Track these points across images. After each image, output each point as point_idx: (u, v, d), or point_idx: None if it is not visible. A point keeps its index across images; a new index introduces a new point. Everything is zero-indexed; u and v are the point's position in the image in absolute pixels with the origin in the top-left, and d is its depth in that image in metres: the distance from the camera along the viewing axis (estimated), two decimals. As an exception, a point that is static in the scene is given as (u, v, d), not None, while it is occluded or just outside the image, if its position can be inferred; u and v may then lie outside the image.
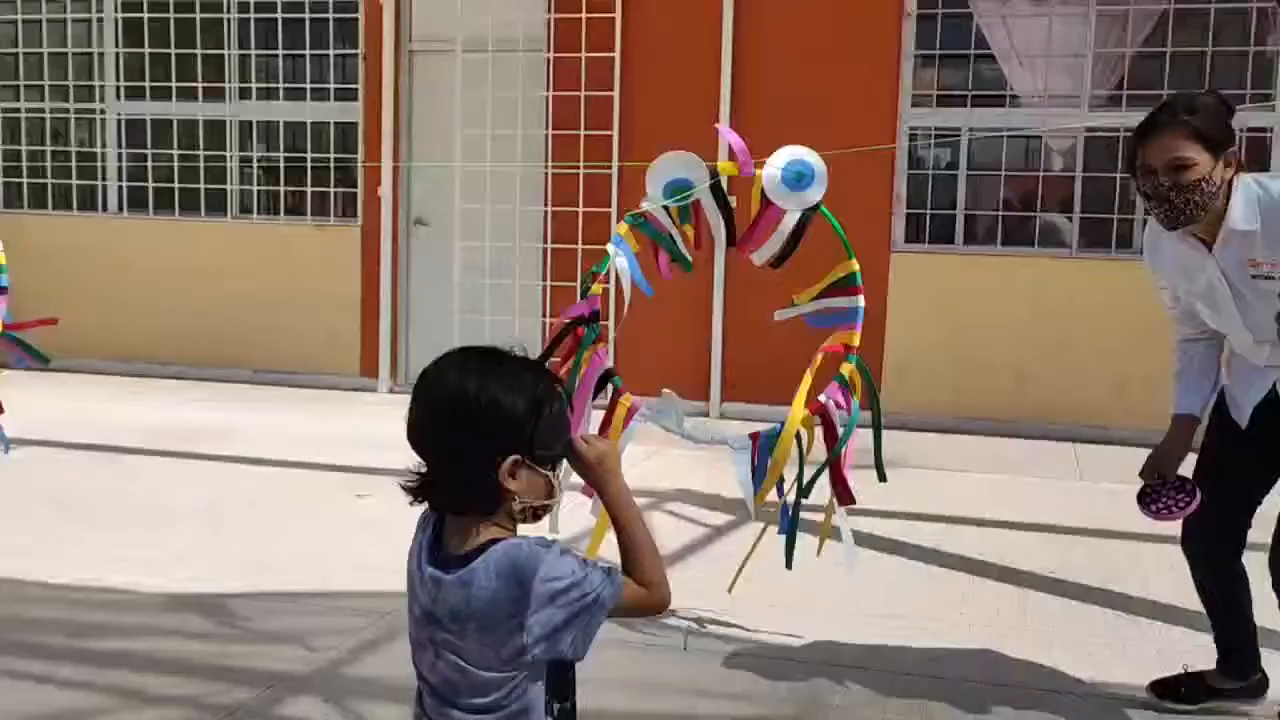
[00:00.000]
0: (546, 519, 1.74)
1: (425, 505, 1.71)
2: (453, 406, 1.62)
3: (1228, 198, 2.80)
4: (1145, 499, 3.07)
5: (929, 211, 7.59)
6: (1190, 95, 2.88)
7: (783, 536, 3.84)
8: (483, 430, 1.60)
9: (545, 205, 8.02)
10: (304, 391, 8.31)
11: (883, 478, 3.87)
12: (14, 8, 9.09)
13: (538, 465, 1.64)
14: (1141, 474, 3.12)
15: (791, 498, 3.73)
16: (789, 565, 3.81)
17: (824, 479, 3.73)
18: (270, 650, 3.61)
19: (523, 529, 1.69)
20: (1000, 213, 7.60)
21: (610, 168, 7.77)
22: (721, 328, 7.78)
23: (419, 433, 1.67)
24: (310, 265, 8.57)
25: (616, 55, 7.85)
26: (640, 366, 7.15)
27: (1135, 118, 2.96)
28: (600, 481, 1.74)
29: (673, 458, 5.93)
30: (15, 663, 3.46)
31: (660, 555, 1.73)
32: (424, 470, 1.66)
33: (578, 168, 7.85)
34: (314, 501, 5.46)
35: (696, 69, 7.71)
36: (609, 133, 7.87)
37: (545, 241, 8.02)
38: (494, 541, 1.62)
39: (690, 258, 3.73)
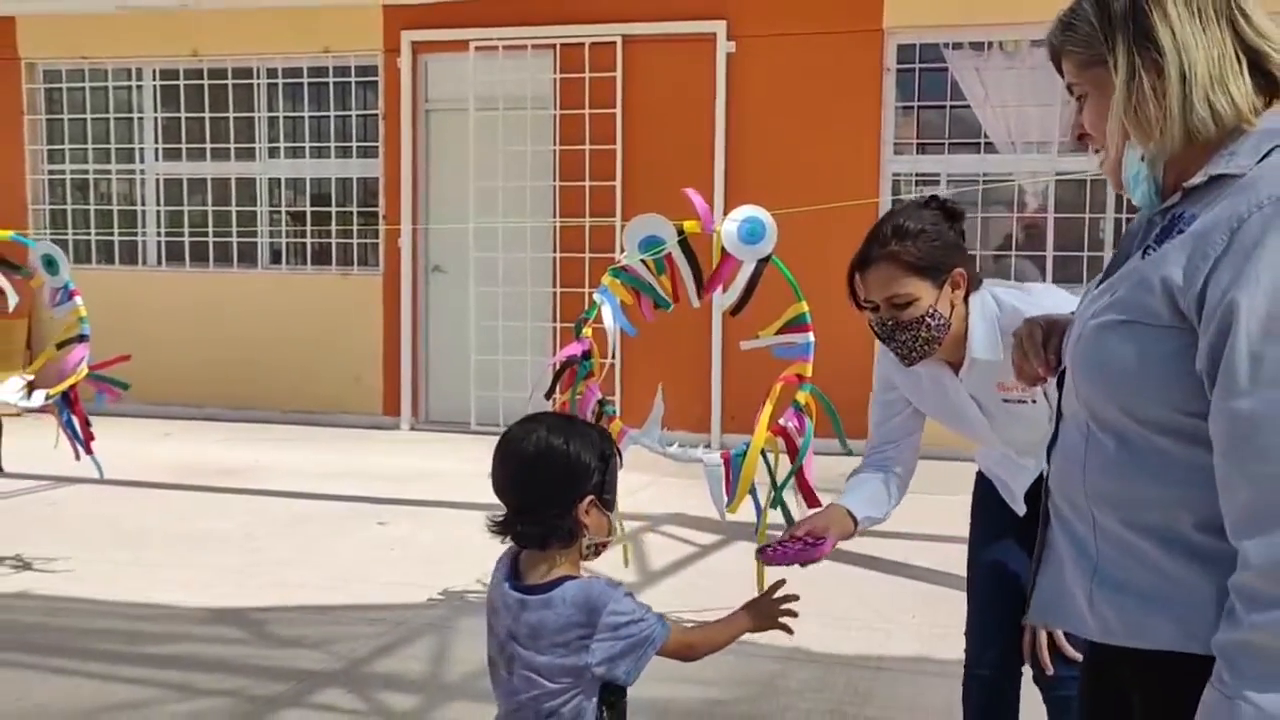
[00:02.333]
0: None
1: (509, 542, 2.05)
2: (545, 458, 1.99)
3: (967, 317, 2.47)
4: (765, 550, 2.53)
5: (912, 252, 8.09)
6: (902, 218, 2.45)
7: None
8: (568, 476, 1.99)
9: (554, 252, 8.57)
10: (330, 430, 8.86)
11: (849, 452, 4.35)
12: (60, 76, 9.78)
13: (604, 507, 2.04)
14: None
15: (763, 501, 4.21)
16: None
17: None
18: (300, 653, 4.13)
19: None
20: (978, 251, 8.09)
21: (614, 219, 8.29)
22: (721, 366, 8.27)
23: (511, 482, 2.02)
24: (335, 311, 9.14)
25: (618, 111, 8.42)
26: (647, 401, 7.70)
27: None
28: (751, 621, 2.20)
29: (666, 486, 6.43)
30: (82, 664, 4.00)
31: (720, 649, 2.15)
32: (507, 514, 2.01)
33: (583, 221, 8.39)
34: (338, 528, 5.99)
35: (692, 122, 8.26)
36: (612, 183, 8.42)
37: (554, 286, 8.56)
38: (569, 577, 2.01)
39: (669, 299, 4.24)
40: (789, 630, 2.23)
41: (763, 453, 4.10)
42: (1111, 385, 1.51)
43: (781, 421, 4.12)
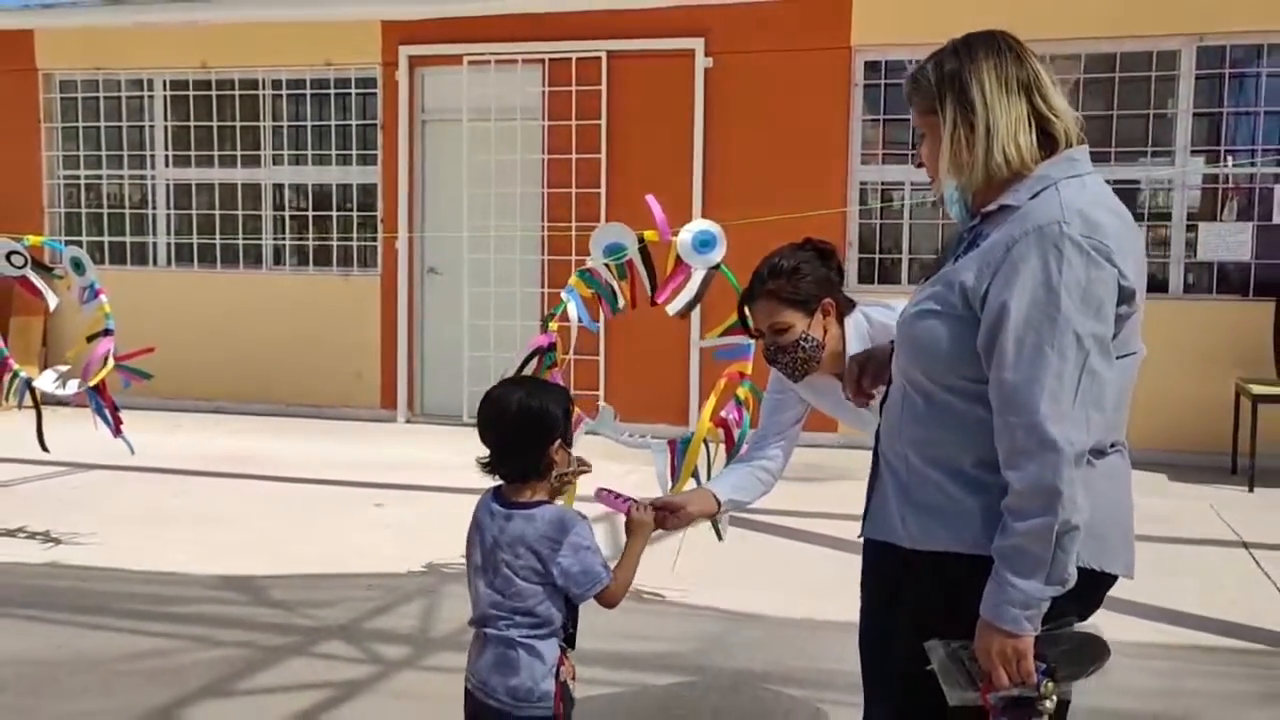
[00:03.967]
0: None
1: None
2: (525, 413, 2.53)
3: (844, 335, 2.93)
4: (602, 491, 2.80)
5: (877, 256, 8.62)
6: (779, 258, 2.93)
7: (712, 528, 4.81)
8: (543, 426, 2.53)
9: (542, 255, 9.08)
10: (331, 423, 9.38)
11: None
12: (75, 86, 10.29)
13: (566, 448, 2.57)
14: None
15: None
16: (720, 538, 4.79)
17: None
18: (305, 612, 4.66)
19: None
20: (939, 257, 8.58)
21: (599, 224, 8.74)
22: (699, 362, 8.77)
23: (498, 432, 2.54)
24: (336, 311, 9.66)
25: (603, 122, 8.93)
26: (629, 393, 8.23)
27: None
28: (634, 534, 2.63)
29: (646, 474, 6.93)
30: (114, 621, 4.54)
31: (631, 582, 2.58)
32: (493, 456, 2.53)
33: (569, 228, 8.89)
34: (338, 510, 6.51)
35: (673, 133, 8.78)
36: (597, 190, 8.94)
37: (542, 286, 9.07)
38: (546, 501, 2.52)
39: (622, 304, 4.74)
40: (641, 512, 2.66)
41: (705, 441, 4.61)
42: (920, 355, 2.08)
43: (723, 414, 4.64)
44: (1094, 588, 2.04)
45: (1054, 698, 1.98)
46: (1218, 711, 3.81)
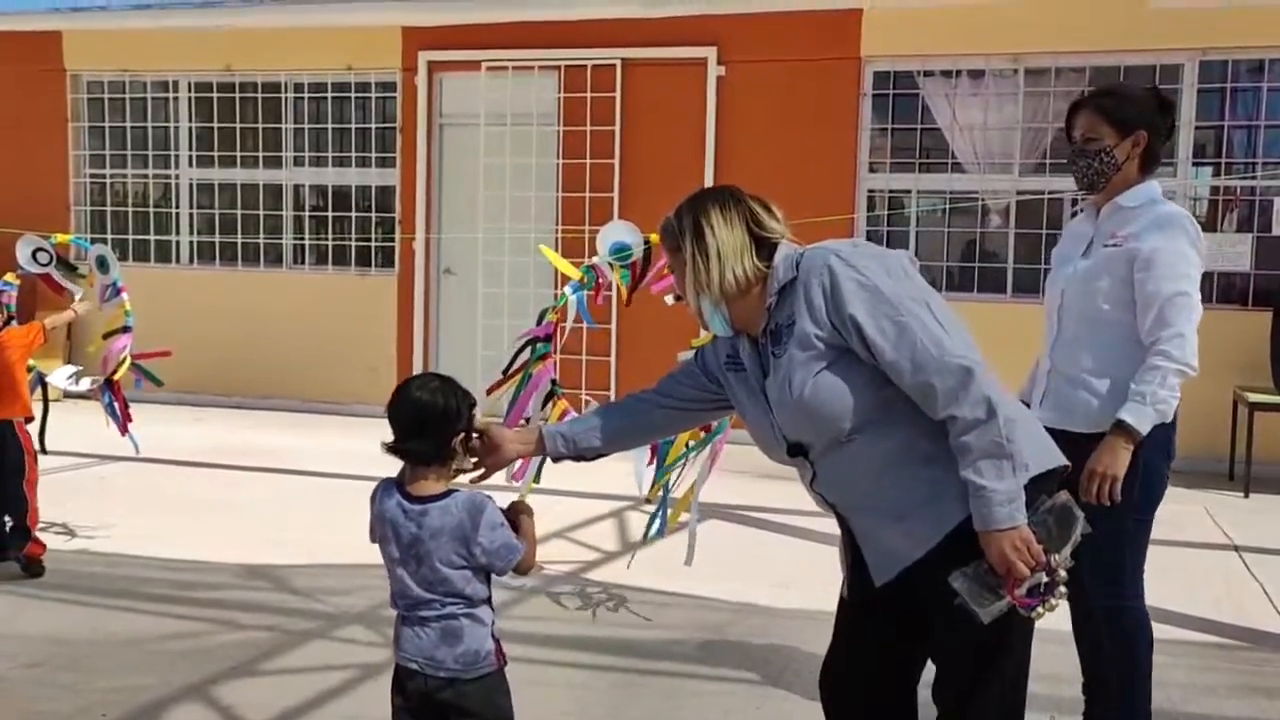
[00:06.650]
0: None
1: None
2: (437, 408, 2.70)
3: (1141, 180, 3.27)
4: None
5: (884, 262, 8.78)
6: (1115, 85, 3.54)
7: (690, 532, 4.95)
8: (451, 419, 2.72)
9: (555, 257, 9.28)
10: (347, 419, 9.57)
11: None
12: (102, 87, 10.53)
13: (464, 442, 2.74)
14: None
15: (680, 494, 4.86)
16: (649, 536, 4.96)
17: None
18: (325, 599, 4.87)
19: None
20: (944, 263, 8.78)
21: (610, 225, 8.98)
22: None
23: (411, 417, 2.71)
24: (353, 309, 9.88)
25: (617, 128, 9.13)
26: (639, 386, 8.40)
27: (1058, 182, 3.31)
28: (525, 515, 2.79)
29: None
30: (140, 604, 4.75)
31: (535, 553, 2.77)
32: (400, 442, 2.69)
33: (583, 231, 9.08)
34: (355, 501, 6.61)
35: (685, 140, 8.97)
36: (610, 195, 9.13)
37: (555, 288, 9.24)
38: (452, 491, 2.68)
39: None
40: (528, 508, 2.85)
41: (685, 444, 4.78)
42: (839, 406, 2.39)
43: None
44: (1048, 483, 2.40)
45: (1063, 569, 2.29)
46: (1196, 702, 3.99)
